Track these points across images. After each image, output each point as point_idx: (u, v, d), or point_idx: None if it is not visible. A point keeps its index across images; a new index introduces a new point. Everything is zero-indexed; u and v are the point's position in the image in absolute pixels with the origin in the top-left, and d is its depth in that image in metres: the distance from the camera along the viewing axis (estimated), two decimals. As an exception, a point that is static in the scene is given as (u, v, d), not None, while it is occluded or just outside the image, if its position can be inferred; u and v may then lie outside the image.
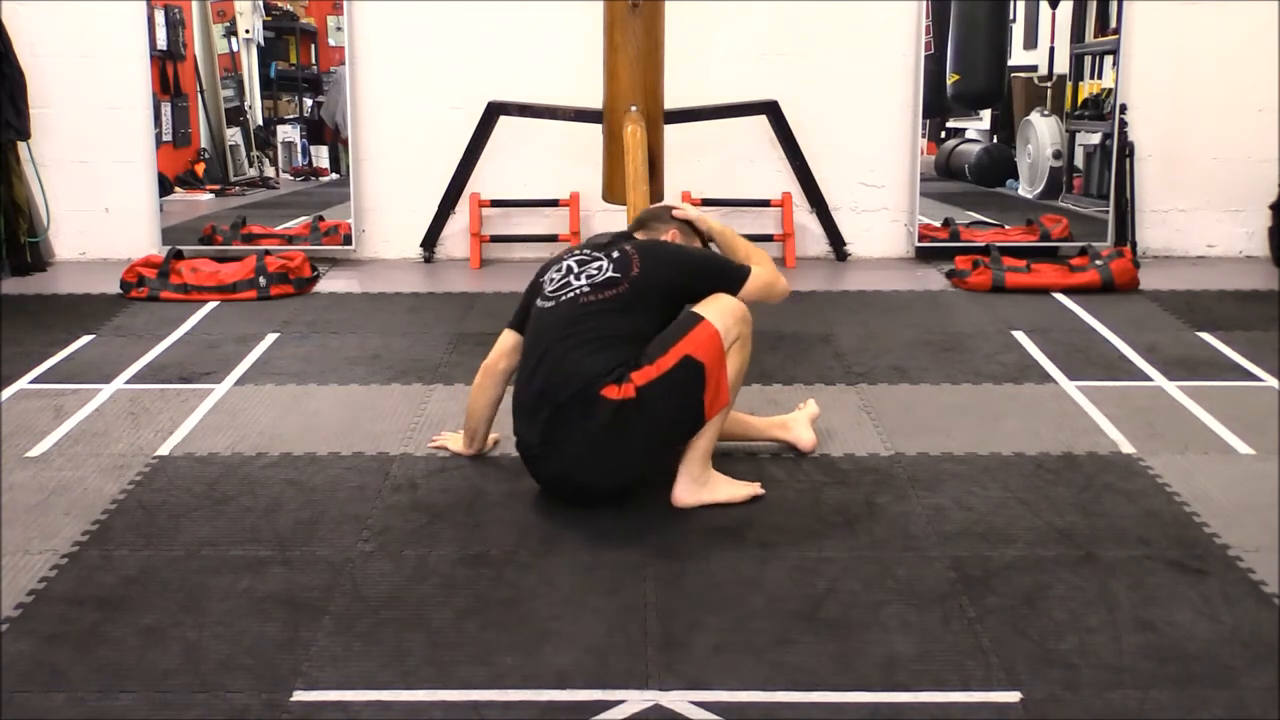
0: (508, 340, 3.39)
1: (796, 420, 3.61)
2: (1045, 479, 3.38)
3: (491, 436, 3.55)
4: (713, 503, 3.17)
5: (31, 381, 4.21)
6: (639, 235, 3.45)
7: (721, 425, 3.20)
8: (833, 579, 2.81)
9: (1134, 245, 5.83)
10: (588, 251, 3.31)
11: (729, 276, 3.28)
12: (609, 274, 3.19)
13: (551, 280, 3.26)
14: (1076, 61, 5.99)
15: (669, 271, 3.24)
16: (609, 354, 3.07)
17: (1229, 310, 5.07)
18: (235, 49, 5.99)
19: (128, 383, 4.21)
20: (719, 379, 3.10)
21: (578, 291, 3.18)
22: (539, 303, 3.27)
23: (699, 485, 3.17)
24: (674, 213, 3.50)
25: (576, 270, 3.24)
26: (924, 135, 5.96)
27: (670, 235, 3.44)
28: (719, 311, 3.14)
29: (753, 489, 3.24)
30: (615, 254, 3.25)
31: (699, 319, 3.12)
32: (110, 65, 5.81)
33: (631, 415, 3.02)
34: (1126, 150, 5.84)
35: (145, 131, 5.86)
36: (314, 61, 6.02)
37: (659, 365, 3.05)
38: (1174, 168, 5.97)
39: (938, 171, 6.09)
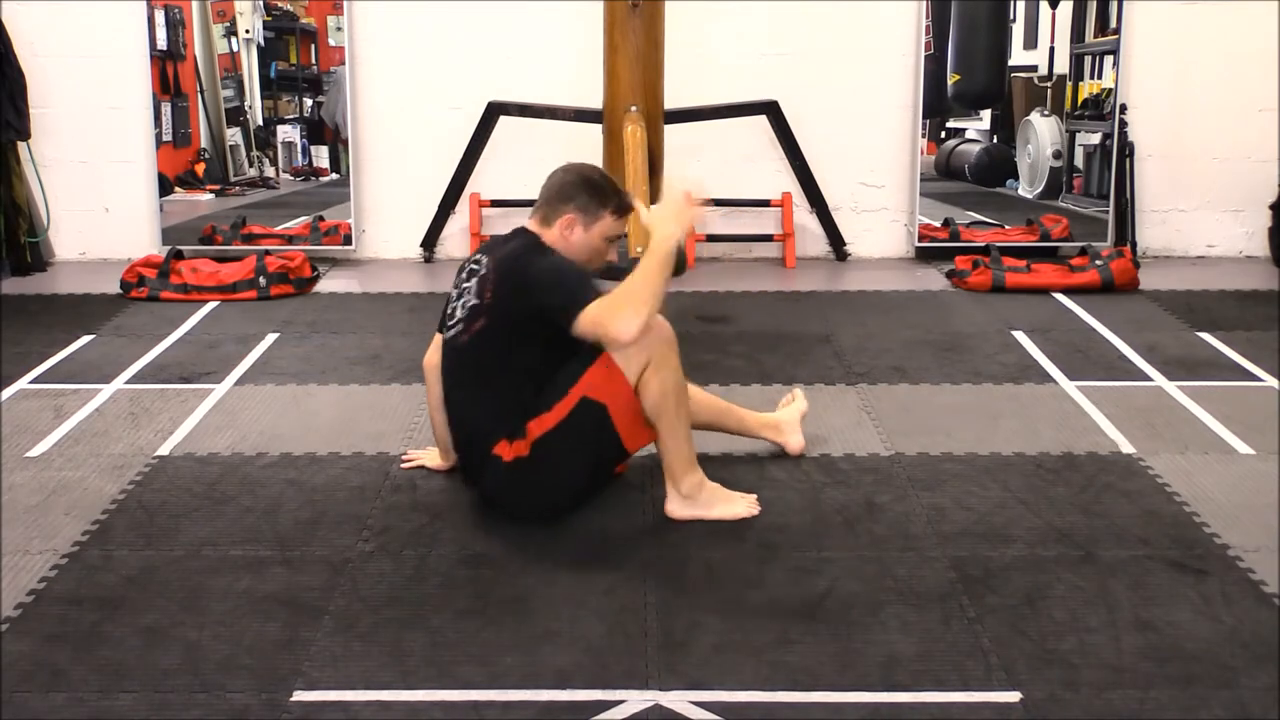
0: (438, 339, 3.24)
1: (787, 423, 3.51)
2: (1045, 479, 3.38)
3: None
4: (706, 519, 3.09)
5: (31, 381, 4.21)
6: (531, 223, 3.11)
7: (686, 434, 3.04)
8: (833, 579, 2.81)
9: (1134, 245, 5.83)
10: (474, 264, 3.09)
11: (567, 305, 2.85)
12: (473, 302, 2.99)
13: (450, 305, 3.12)
14: (1076, 61, 5.99)
15: (516, 302, 2.94)
16: (493, 400, 2.96)
17: (1229, 310, 5.07)
18: (235, 49, 5.99)
19: (128, 383, 4.21)
20: (632, 414, 2.95)
21: (456, 331, 3.04)
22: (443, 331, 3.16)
23: (690, 502, 3.08)
24: (628, 200, 3.10)
25: (457, 298, 3.07)
26: (924, 135, 5.96)
27: (565, 221, 3.05)
28: None
29: (748, 508, 3.13)
30: (481, 272, 3.02)
31: (598, 353, 2.93)
32: (110, 65, 5.81)
33: (528, 474, 2.96)
34: (1126, 150, 5.84)
35: (145, 131, 5.86)
36: (314, 61, 6.02)
37: (556, 411, 2.92)
38: (1174, 168, 5.97)
39: (938, 171, 6.09)
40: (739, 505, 3.13)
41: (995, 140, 6.11)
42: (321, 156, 6.08)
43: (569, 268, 2.99)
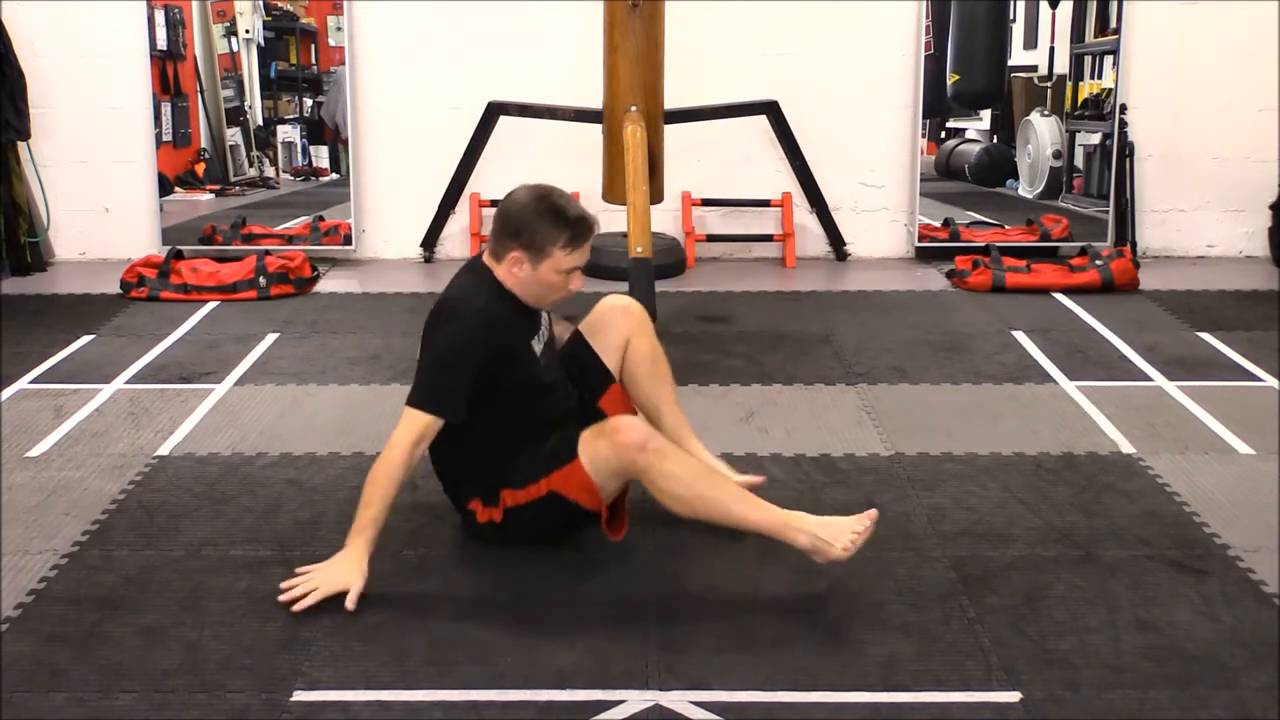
0: None
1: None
2: (1045, 479, 3.38)
3: None
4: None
5: (31, 381, 4.21)
6: (485, 256, 2.91)
7: (743, 512, 2.78)
8: (833, 579, 2.81)
9: (1134, 245, 5.83)
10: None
11: (410, 393, 2.85)
12: (422, 340, 2.97)
13: None
14: (1076, 61, 5.99)
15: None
16: (449, 448, 2.88)
17: (1229, 310, 5.07)
18: (235, 49, 5.99)
19: (128, 383, 4.21)
20: (606, 509, 2.85)
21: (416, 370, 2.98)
22: None
23: (817, 554, 2.73)
24: (585, 226, 2.82)
25: None
26: (924, 135, 5.96)
27: (512, 259, 2.82)
28: (591, 456, 2.78)
29: (853, 537, 2.71)
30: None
31: (572, 456, 2.80)
32: (110, 65, 5.81)
33: (500, 533, 2.94)
34: (1126, 150, 5.84)
35: (145, 131, 5.86)
36: (314, 61, 6.02)
37: (529, 492, 2.87)
38: (1174, 168, 5.96)
39: (938, 171, 6.09)
40: (837, 548, 2.71)
41: (995, 140, 6.11)
42: (321, 156, 6.08)
43: (445, 357, 2.84)
